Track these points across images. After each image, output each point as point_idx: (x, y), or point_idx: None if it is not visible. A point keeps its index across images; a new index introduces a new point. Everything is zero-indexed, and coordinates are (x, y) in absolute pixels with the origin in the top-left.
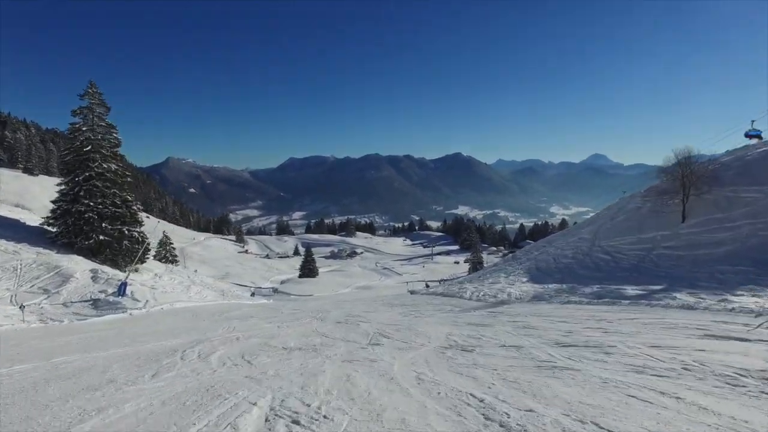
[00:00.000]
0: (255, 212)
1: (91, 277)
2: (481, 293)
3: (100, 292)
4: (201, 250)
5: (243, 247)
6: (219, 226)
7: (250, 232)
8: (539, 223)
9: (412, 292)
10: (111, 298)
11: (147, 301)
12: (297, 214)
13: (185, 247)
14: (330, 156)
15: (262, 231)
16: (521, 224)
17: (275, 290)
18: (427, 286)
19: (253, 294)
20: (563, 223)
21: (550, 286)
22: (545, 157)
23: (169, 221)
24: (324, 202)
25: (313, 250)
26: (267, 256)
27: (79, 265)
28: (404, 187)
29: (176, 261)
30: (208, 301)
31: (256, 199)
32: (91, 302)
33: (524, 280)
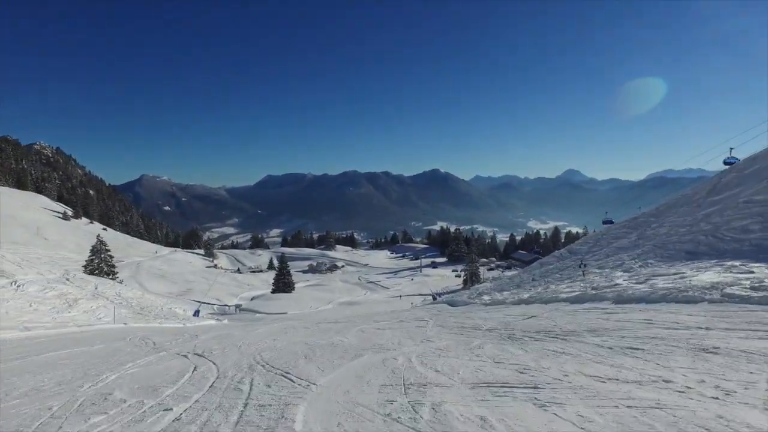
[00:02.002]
0: (232, 230)
1: None
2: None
3: None
4: (162, 264)
5: (212, 261)
6: (188, 241)
7: (223, 248)
8: (530, 233)
9: (452, 304)
10: None
11: None
12: (275, 232)
13: (143, 261)
14: (308, 173)
15: (235, 245)
16: (511, 234)
17: (238, 307)
18: (434, 298)
19: (197, 313)
20: (556, 232)
21: None
22: (521, 173)
23: (132, 235)
24: (302, 219)
25: (290, 264)
26: (238, 271)
27: None
28: (383, 204)
29: (114, 272)
30: (89, 325)
31: (232, 216)
32: None
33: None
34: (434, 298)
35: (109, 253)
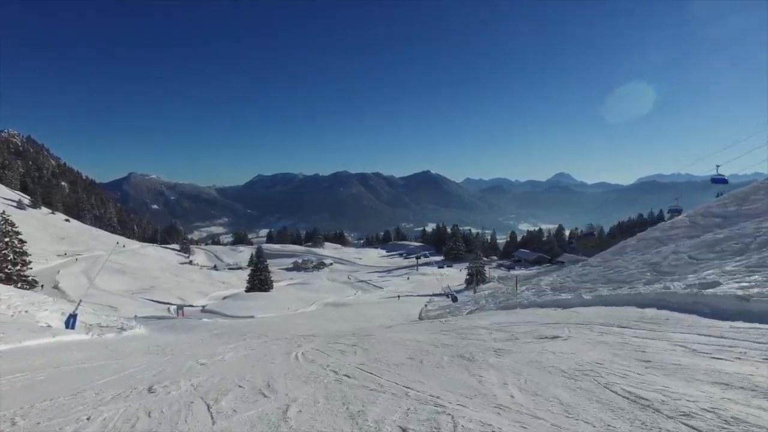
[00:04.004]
0: (221, 229)
1: None
2: None
3: None
4: (126, 258)
5: (187, 257)
6: (166, 237)
7: (204, 243)
8: (533, 230)
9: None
10: None
11: None
12: (264, 231)
13: (105, 255)
14: (299, 173)
15: (216, 242)
16: (512, 232)
17: (180, 309)
18: (454, 299)
19: (70, 321)
20: (560, 230)
21: None
22: (512, 176)
23: (105, 229)
24: (292, 219)
25: (274, 261)
26: (214, 267)
27: None
28: (374, 205)
29: (25, 261)
30: None
31: (222, 216)
32: None
33: None
34: (454, 299)
35: (19, 236)
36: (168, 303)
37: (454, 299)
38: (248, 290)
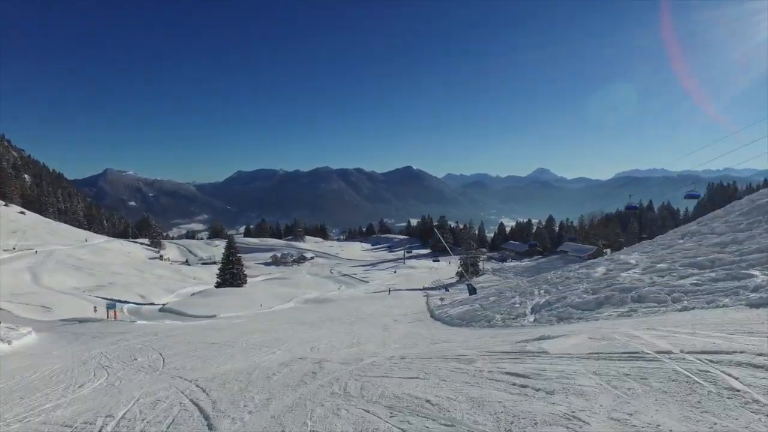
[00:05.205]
0: (200, 226)
1: None
2: None
3: None
4: (87, 253)
5: (157, 252)
6: (136, 232)
7: (178, 237)
8: (522, 221)
9: None
10: None
11: None
12: (243, 228)
13: (61, 250)
14: (279, 169)
15: (191, 236)
16: (501, 223)
17: (111, 307)
18: (473, 290)
19: None
20: (550, 220)
21: None
22: (493, 171)
23: (70, 223)
24: (273, 215)
25: (251, 255)
26: (186, 262)
27: None
28: (354, 200)
29: None
30: None
31: (201, 213)
32: None
33: None
34: (473, 291)
35: None
36: (125, 302)
37: (473, 291)
38: (218, 286)
